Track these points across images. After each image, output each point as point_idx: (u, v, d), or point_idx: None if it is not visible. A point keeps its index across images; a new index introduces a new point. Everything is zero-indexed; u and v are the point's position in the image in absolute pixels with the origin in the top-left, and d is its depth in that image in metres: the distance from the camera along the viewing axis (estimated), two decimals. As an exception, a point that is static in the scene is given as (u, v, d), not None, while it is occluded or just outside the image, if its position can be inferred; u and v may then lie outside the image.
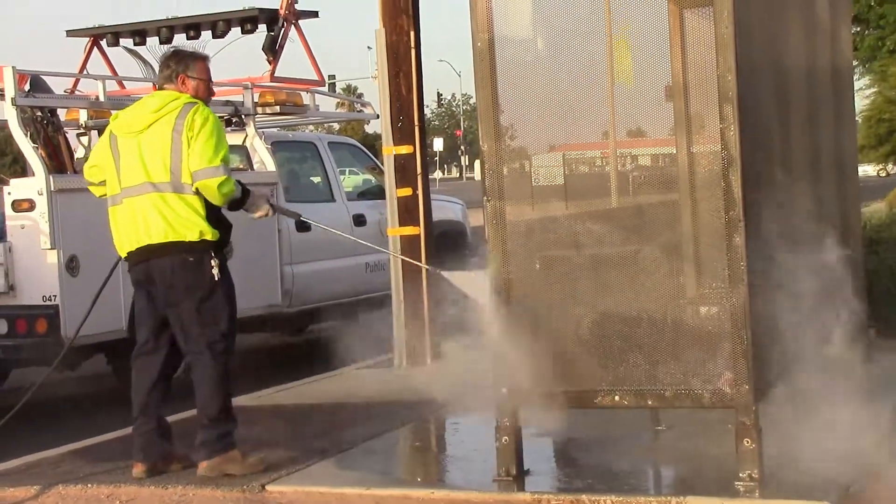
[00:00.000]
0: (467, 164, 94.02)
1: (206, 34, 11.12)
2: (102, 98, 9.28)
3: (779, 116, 5.96)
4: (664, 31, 5.42)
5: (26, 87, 8.81)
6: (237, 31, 11.13)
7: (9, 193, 8.55)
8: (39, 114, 8.96)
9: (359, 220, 11.53)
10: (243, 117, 10.28)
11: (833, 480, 5.17)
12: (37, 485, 6.06)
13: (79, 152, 9.71)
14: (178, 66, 6.09)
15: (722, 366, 5.10)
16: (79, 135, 9.85)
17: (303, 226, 10.27)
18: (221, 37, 11.11)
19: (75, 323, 7.07)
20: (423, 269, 8.99)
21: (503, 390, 5.44)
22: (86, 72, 11.16)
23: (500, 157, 5.41)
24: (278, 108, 10.72)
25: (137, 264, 6.00)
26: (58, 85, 9.97)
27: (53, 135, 9.06)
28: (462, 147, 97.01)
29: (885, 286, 8.65)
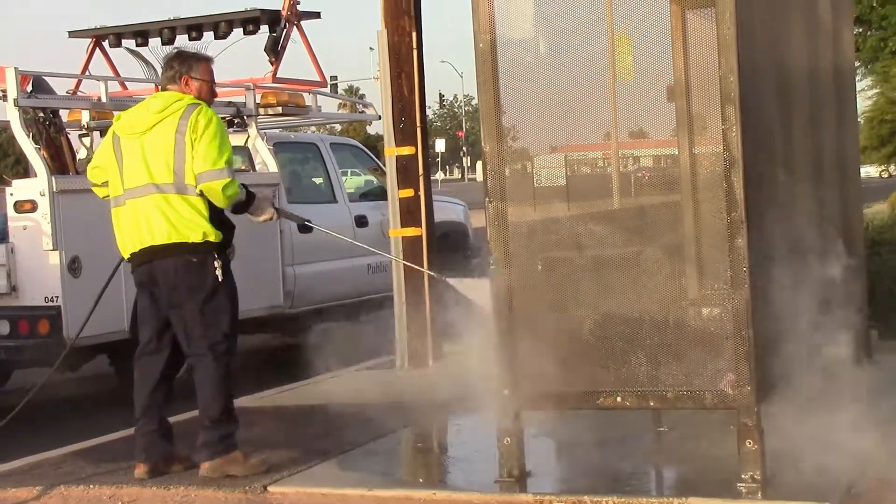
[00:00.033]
0: (469, 165, 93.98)
1: (209, 35, 11.13)
2: (105, 99, 9.30)
3: (781, 117, 5.96)
4: (666, 31, 5.42)
5: (28, 88, 8.82)
6: (239, 32, 11.14)
7: (11, 194, 8.55)
8: (42, 115, 8.97)
9: (360, 221, 11.53)
10: (245, 118, 10.28)
11: (835, 482, 5.18)
12: (39, 485, 6.06)
13: (81, 153, 9.71)
14: (182, 67, 6.08)
15: (724, 367, 5.09)
16: (81, 136, 9.85)
17: (304, 227, 10.27)
18: (223, 38, 11.12)
19: (77, 324, 7.08)
20: (424, 268, 8.99)
21: (505, 392, 5.44)
22: (88, 73, 11.17)
23: (502, 158, 5.41)
24: (280, 109, 10.72)
25: (141, 265, 6.00)
26: (60, 86, 9.99)
27: (56, 136, 9.07)
28: (464, 148, 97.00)
29: (887, 287, 8.64)
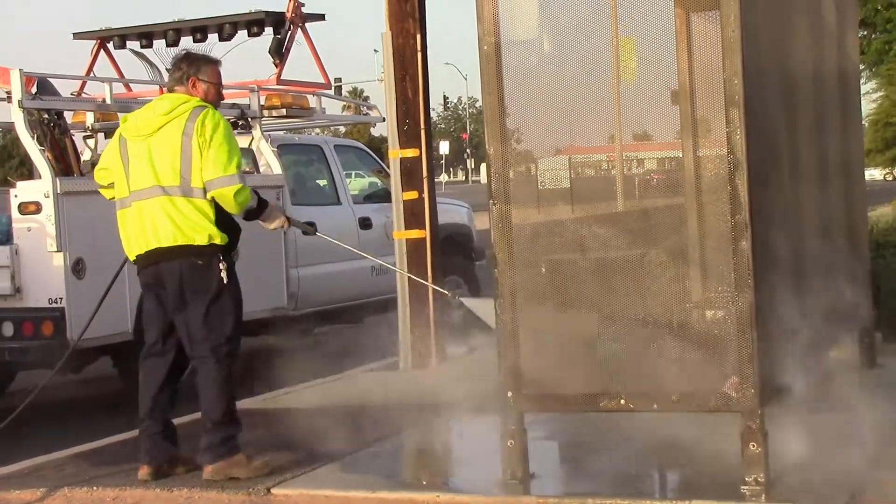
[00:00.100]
0: (473, 167, 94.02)
1: (213, 37, 11.14)
2: (109, 100, 9.30)
3: (785, 120, 5.95)
4: (670, 34, 5.41)
5: (33, 90, 8.82)
6: (244, 34, 11.14)
7: (15, 196, 8.56)
8: (46, 116, 8.97)
9: (365, 223, 11.52)
10: (249, 120, 10.28)
11: (839, 485, 5.17)
12: (43, 487, 6.07)
13: (85, 155, 9.72)
14: (190, 69, 6.08)
15: (728, 370, 5.09)
16: (85, 137, 9.86)
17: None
18: (228, 39, 11.12)
19: (81, 325, 7.08)
20: (428, 270, 8.99)
21: (508, 394, 5.43)
22: (93, 74, 11.17)
23: (506, 160, 5.41)
24: (284, 111, 10.72)
25: (146, 267, 6.00)
26: (64, 87, 10.00)
27: (60, 137, 9.07)
28: (468, 150, 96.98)
29: (892, 290, 8.63)
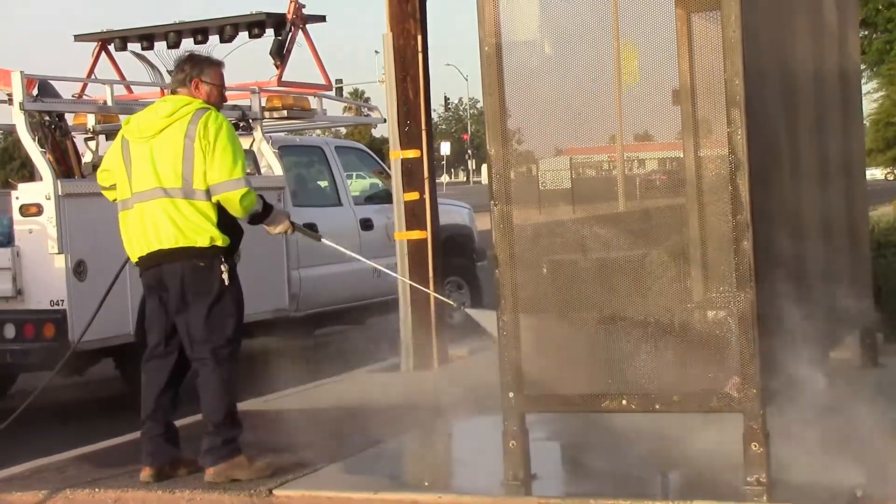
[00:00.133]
0: (474, 167, 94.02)
1: (214, 38, 11.15)
2: (110, 102, 9.31)
3: (786, 120, 5.95)
4: (671, 35, 5.41)
5: (34, 92, 8.83)
6: (245, 36, 11.16)
7: (17, 198, 8.56)
8: (47, 118, 8.98)
9: (366, 224, 11.53)
10: (250, 121, 10.28)
11: (841, 485, 5.16)
12: (44, 489, 6.06)
13: (86, 157, 9.73)
14: (193, 71, 6.07)
15: (729, 370, 5.08)
16: (86, 139, 9.87)
17: (311, 230, 10.26)
18: (229, 41, 11.13)
19: (83, 327, 7.08)
20: (429, 271, 9.00)
21: (510, 394, 5.43)
22: (94, 76, 11.18)
23: (508, 160, 5.41)
24: (285, 113, 10.73)
25: (148, 269, 6.00)
26: (66, 89, 10.01)
27: (61, 139, 9.08)
28: (469, 151, 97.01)
29: (893, 289, 8.63)
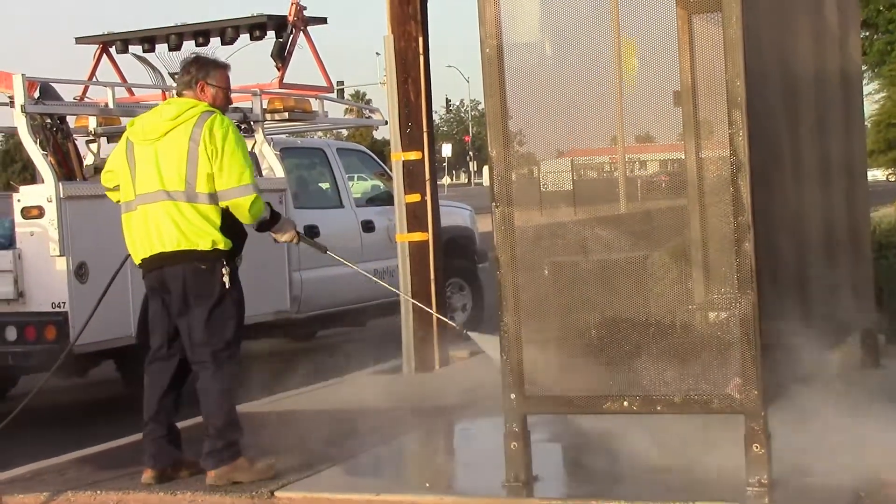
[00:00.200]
0: (476, 169, 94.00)
1: (215, 41, 11.15)
2: (112, 105, 9.31)
3: (787, 121, 5.95)
4: (672, 36, 5.41)
5: (36, 95, 8.83)
6: (246, 38, 11.16)
7: (18, 200, 8.56)
8: (49, 121, 8.99)
9: (367, 226, 11.54)
10: (252, 124, 10.29)
11: (843, 487, 5.16)
12: (46, 491, 6.06)
13: (88, 159, 9.73)
14: (199, 73, 6.06)
15: (731, 371, 5.08)
16: (88, 142, 9.88)
17: (311, 233, 10.28)
18: (230, 43, 11.13)
19: (85, 330, 7.07)
20: (430, 273, 9.00)
21: (511, 396, 5.43)
22: (95, 79, 11.18)
23: (509, 162, 5.40)
24: (287, 115, 10.74)
25: (151, 271, 6.00)
26: (67, 92, 10.01)
27: (63, 142, 9.09)
28: (470, 153, 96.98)
29: (895, 291, 8.62)
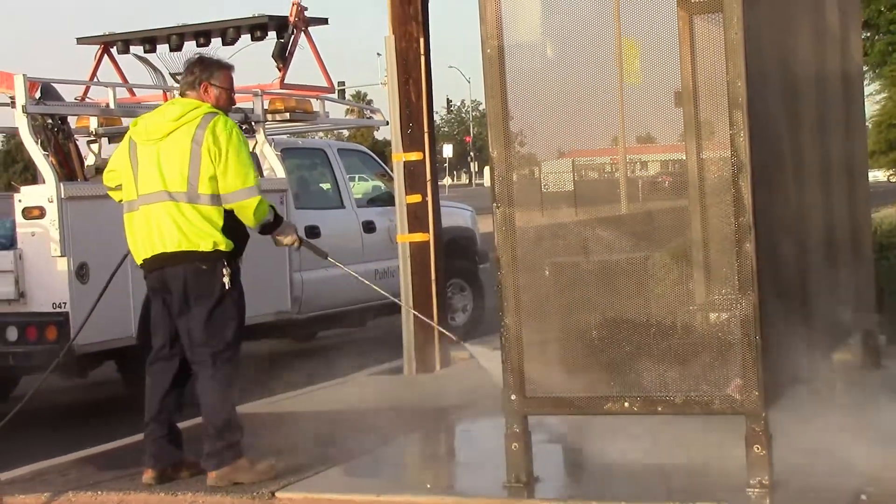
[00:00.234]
0: (477, 170, 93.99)
1: (216, 41, 11.15)
2: (113, 105, 9.31)
3: (788, 122, 5.95)
4: (674, 37, 5.42)
5: (37, 95, 8.84)
6: (247, 39, 11.16)
7: (19, 201, 8.56)
8: (50, 121, 8.99)
9: (368, 226, 11.54)
10: (253, 124, 10.30)
11: (844, 487, 5.16)
12: (47, 492, 6.06)
13: (89, 160, 9.73)
14: (203, 74, 6.06)
15: (732, 372, 5.08)
16: (89, 142, 9.88)
17: (312, 233, 10.29)
18: (231, 44, 11.13)
19: (86, 330, 7.07)
20: (431, 273, 9.00)
21: (512, 397, 5.43)
22: (96, 79, 11.19)
23: (510, 163, 5.41)
24: (288, 115, 10.74)
25: (153, 271, 6.00)
26: (68, 92, 10.02)
27: (64, 142, 9.09)
28: (471, 153, 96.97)
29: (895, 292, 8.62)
